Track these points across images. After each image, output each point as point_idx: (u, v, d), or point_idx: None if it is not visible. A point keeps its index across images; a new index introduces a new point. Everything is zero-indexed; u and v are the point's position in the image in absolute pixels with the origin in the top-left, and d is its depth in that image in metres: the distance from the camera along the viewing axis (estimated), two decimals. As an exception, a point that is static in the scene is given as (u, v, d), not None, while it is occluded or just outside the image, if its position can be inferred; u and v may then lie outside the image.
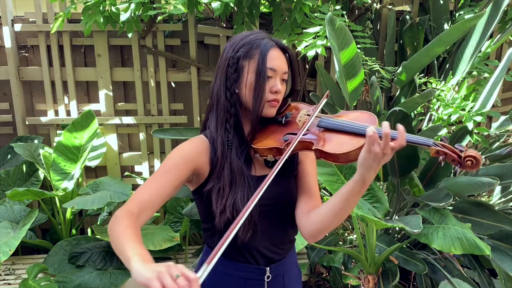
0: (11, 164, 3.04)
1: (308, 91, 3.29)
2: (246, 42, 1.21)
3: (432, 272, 2.43)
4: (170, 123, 3.25)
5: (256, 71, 1.18)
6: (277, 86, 1.21)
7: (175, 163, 1.18)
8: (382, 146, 1.02)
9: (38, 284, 2.32)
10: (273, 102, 1.22)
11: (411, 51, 3.01)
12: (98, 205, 2.51)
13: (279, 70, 1.21)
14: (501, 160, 2.62)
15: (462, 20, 2.36)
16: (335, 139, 1.16)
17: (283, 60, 1.23)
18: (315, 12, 2.64)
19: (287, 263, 1.34)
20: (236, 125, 1.23)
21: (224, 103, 1.22)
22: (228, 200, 1.17)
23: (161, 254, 2.68)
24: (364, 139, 1.07)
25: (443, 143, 1.10)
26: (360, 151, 1.08)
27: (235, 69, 1.20)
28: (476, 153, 1.06)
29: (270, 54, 1.19)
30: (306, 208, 1.26)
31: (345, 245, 2.77)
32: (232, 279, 1.28)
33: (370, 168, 1.05)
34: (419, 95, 2.41)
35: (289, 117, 1.26)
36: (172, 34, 3.19)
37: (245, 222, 1.17)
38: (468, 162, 1.07)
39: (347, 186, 1.12)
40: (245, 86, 1.20)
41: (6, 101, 3.19)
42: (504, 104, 3.54)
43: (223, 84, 1.22)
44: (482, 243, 1.99)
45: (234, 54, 1.21)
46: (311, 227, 1.22)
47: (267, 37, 1.23)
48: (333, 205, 1.15)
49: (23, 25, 3.03)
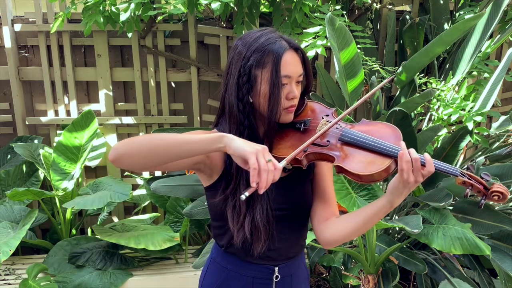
0: (11, 164, 3.04)
1: (308, 91, 3.28)
2: (257, 47, 1.13)
3: (432, 272, 2.43)
4: (170, 123, 3.25)
5: (270, 82, 1.11)
6: (293, 92, 1.15)
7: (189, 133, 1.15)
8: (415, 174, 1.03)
9: (38, 284, 2.32)
10: (290, 109, 1.17)
11: (411, 51, 3.01)
12: (98, 205, 2.51)
13: (294, 75, 1.15)
14: (501, 160, 2.62)
15: (462, 20, 2.36)
16: (358, 156, 1.11)
17: (297, 62, 1.16)
18: (315, 12, 2.64)
19: (296, 264, 1.33)
20: (250, 135, 1.15)
21: (237, 115, 1.15)
22: (246, 218, 1.14)
23: (161, 254, 2.68)
24: (390, 159, 1.07)
25: (470, 173, 1.08)
26: (384, 173, 1.07)
27: (248, 79, 1.13)
28: (503, 189, 1.05)
29: (283, 60, 1.12)
30: (323, 215, 1.25)
31: (345, 245, 2.77)
32: (241, 278, 1.27)
33: (400, 194, 1.06)
34: (419, 95, 2.41)
35: (308, 124, 1.20)
36: (172, 34, 3.19)
37: (265, 237, 1.16)
38: (494, 197, 1.06)
39: (372, 208, 1.12)
40: (259, 96, 1.14)
41: (6, 101, 3.19)
42: (504, 104, 3.54)
43: (235, 94, 1.14)
44: (482, 243, 1.99)
45: (245, 63, 1.13)
46: (330, 237, 1.21)
47: (278, 38, 1.15)
48: (356, 223, 1.15)
49: (23, 25, 3.03)
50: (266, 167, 0.97)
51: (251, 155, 0.97)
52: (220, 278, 1.29)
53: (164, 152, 1.02)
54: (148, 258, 2.81)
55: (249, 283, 1.27)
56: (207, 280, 1.34)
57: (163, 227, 2.72)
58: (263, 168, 0.97)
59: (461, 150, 2.40)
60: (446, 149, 2.40)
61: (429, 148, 2.69)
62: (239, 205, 1.15)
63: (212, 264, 1.33)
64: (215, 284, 1.30)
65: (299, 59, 1.17)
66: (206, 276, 1.35)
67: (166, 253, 2.70)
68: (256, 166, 0.97)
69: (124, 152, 1.02)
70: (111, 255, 2.63)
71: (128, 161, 1.03)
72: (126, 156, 1.02)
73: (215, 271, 1.32)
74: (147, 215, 3.05)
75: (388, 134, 1.13)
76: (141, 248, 2.49)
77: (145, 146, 1.02)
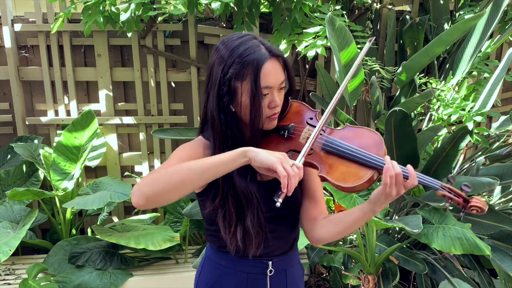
0: (11, 164, 3.04)
1: (308, 91, 3.29)
2: (235, 58, 1.11)
3: (432, 272, 2.43)
4: (170, 123, 3.25)
5: (250, 94, 1.11)
6: (275, 101, 1.15)
7: (183, 156, 1.16)
8: (397, 187, 1.07)
9: (38, 284, 2.33)
10: (272, 116, 1.18)
11: (411, 51, 3.01)
12: (98, 205, 2.51)
13: (276, 85, 1.14)
14: (501, 160, 2.62)
15: (462, 20, 2.36)
16: (340, 167, 1.12)
17: (279, 70, 1.14)
18: (315, 12, 2.64)
19: (290, 259, 1.34)
20: (234, 145, 1.14)
21: (219, 127, 1.15)
22: (238, 227, 1.17)
23: (161, 254, 2.68)
24: (371, 171, 1.10)
25: (450, 186, 1.10)
26: (366, 184, 1.10)
27: (227, 91, 1.12)
28: (482, 204, 1.08)
29: (263, 71, 1.10)
30: (312, 214, 1.28)
31: (345, 245, 2.77)
32: (235, 274, 1.28)
33: (382, 204, 1.10)
34: (419, 95, 2.41)
35: (292, 131, 1.20)
36: (172, 34, 3.19)
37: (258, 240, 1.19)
38: (473, 210, 1.09)
39: (354, 215, 1.16)
40: (240, 107, 1.14)
41: (6, 101, 3.19)
42: (504, 104, 3.53)
43: (216, 106, 1.14)
44: (482, 243, 1.99)
45: (224, 75, 1.11)
46: (318, 237, 1.26)
47: (257, 46, 1.13)
48: (340, 228, 1.20)
49: (23, 25, 3.03)
50: (293, 172, 1.02)
51: (277, 165, 1.02)
52: (215, 275, 1.31)
53: (192, 182, 1.04)
54: (148, 258, 2.81)
55: (244, 278, 1.28)
56: (202, 277, 1.35)
57: (163, 227, 2.72)
58: (291, 174, 1.02)
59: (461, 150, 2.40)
60: (446, 149, 2.40)
61: (429, 148, 2.69)
62: (229, 215, 1.17)
63: (207, 262, 1.35)
64: (210, 281, 1.32)
65: (280, 66, 1.15)
66: (201, 274, 1.37)
67: (166, 253, 2.70)
68: (285, 173, 1.01)
69: (151, 193, 1.02)
70: (111, 255, 2.63)
71: (158, 201, 1.04)
72: (155, 197, 1.03)
73: (210, 268, 1.33)
74: (147, 215, 3.05)
75: (370, 143, 1.15)
76: (141, 248, 2.49)
77: (172, 182, 1.03)
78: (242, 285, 1.28)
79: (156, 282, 2.63)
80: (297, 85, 3.30)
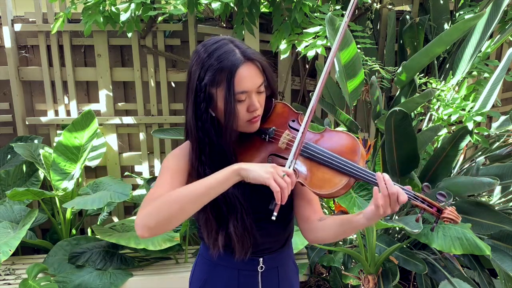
0: (11, 164, 3.04)
1: (308, 91, 3.29)
2: (211, 64, 1.10)
3: (432, 272, 2.43)
4: (170, 123, 3.25)
5: (225, 100, 1.10)
6: (254, 105, 1.14)
7: (173, 169, 1.18)
8: (392, 206, 1.07)
9: (38, 284, 2.32)
10: (253, 120, 1.17)
11: (411, 51, 3.01)
12: (98, 205, 2.51)
13: (252, 88, 1.13)
14: (501, 160, 2.62)
15: (462, 20, 2.36)
16: (317, 173, 1.13)
17: (255, 74, 1.13)
18: (315, 12, 2.64)
19: (282, 257, 1.35)
20: (212, 151, 1.16)
21: (196, 134, 1.15)
22: (219, 233, 1.18)
23: (161, 254, 2.68)
24: (347, 177, 1.10)
25: (423, 196, 1.10)
26: (342, 190, 1.11)
27: (204, 97, 1.12)
28: (454, 216, 1.08)
29: (237, 77, 1.09)
30: (306, 214, 1.29)
31: (345, 245, 2.77)
32: (226, 270, 1.29)
33: (377, 219, 1.10)
34: (419, 95, 2.41)
35: (272, 134, 1.20)
36: (172, 34, 3.19)
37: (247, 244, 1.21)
38: (446, 221, 1.10)
39: (351, 223, 1.16)
40: (218, 112, 1.15)
41: (6, 101, 3.19)
42: (504, 104, 3.54)
43: (193, 113, 1.15)
44: (482, 243, 1.99)
45: (200, 82, 1.11)
46: (313, 239, 1.28)
47: (232, 51, 1.11)
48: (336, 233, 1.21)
49: (23, 25, 3.03)
50: (285, 184, 1.03)
51: (270, 181, 1.03)
52: (207, 272, 1.32)
53: (191, 208, 1.06)
54: (148, 258, 2.81)
55: (235, 275, 1.28)
56: (196, 275, 1.36)
57: (163, 227, 2.72)
58: (283, 187, 1.03)
59: (461, 150, 2.40)
60: (446, 149, 2.40)
61: (429, 148, 2.70)
62: (209, 222, 1.18)
63: (200, 259, 1.36)
64: (203, 278, 1.33)
65: (257, 69, 1.13)
66: (195, 272, 1.38)
67: (166, 253, 2.70)
68: (278, 188, 1.03)
69: (153, 225, 1.04)
70: (111, 255, 2.63)
71: (162, 230, 1.06)
72: (158, 228, 1.05)
73: (202, 265, 1.34)
74: (147, 215, 3.05)
75: (347, 149, 1.14)
76: (141, 248, 2.49)
77: (172, 211, 1.04)
78: (233, 281, 1.29)
79: (156, 282, 2.63)
80: (297, 85, 3.30)
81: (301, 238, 2.15)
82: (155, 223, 1.04)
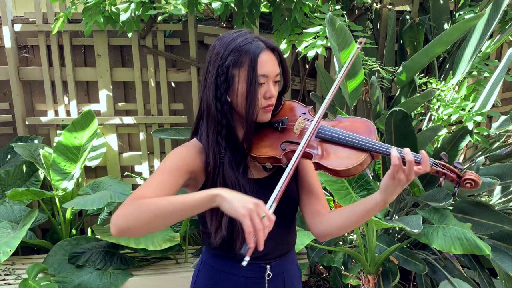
0: (11, 164, 3.04)
1: (308, 91, 3.29)
2: (234, 47, 1.14)
3: (432, 272, 2.43)
4: (170, 123, 3.25)
5: (247, 81, 1.13)
6: (270, 91, 1.17)
7: (169, 168, 1.16)
8: (407, 172, 1.05)
9: (38, 284, 2.32)
10: (267, 108, 1.19)
11: (411, 51, 3.01)
12: (98, 205, 2.51)
13: (271, 74, 1.16)
14: (501, 160, 2.62)
15: (462, 20, 2.37)
16: (335, 152, 1.13)
17: (274, 62, 1.18)
18: (315, 12, 2.64)
19: (288, 262, 1.34)
20: (228, 135, 1.18)
21: (215, 114, 1.16)
22: (223, 217, 1.15)
23: (161, 254, 2.68)
24: (365, 153, 1.10)
25: (443, 162, 1.10)
26: (360, 167, 1.10)
27: (225, 78, 1.15)
28: (475, 176, 1.08)
29: (260, 59, 1.14)
30: (314, 209, 1.28)
31: (345, 245, 2.77)
32: (233, 278, 1.27)
33: (394, 192, 1.08)
34: (419, 95, 2.41)
35: (286, 123, 1.22)
36: (172, 34, 3.18)
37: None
38: (467, 184, 1.09)
39: (366, 206, 1.14)
40: (237, 96, 1.16)
41: (6, 101, 3.19)
42: (504, 104, 3.54)
43: (213, 94, 1.16)
44: (482, 243, 1.99)
45: (223, 63, 1.15)
46: (324, 231, 1.25)
47: (255, 38, 1.17)
48: (349, 219, 1.19)
49: (23, 25, 3.03)
50: (261, 226, 0.96)
51: (244, 219, 0.96)
52: (212, 279, 1.29)
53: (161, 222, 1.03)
54: (148, 258, 2.81)
55: (242, 283, 1.26)
56: (199, 282, 1.33)
57: (163, 227, 2.72)
58: (258, 229, 0.95)
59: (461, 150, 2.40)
60: (446, 149, 2.40)
61: (429, 148, 2.69)
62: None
63: (203, 266, 1.33)
64: (207, 286, 1.30)
65: (276, 59, 1.18)
66: (197, 278, 1.34)
67: (166, 253, 2.70)
68: (251, 230, 0.95)
69: (123, 227, 1.02)
70: (111, 255, 2.63)
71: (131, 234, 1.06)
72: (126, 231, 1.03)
73: (206, 272, 1.31)
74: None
75: (363, 129, 1.16)
76: (141, 248, 2.49)
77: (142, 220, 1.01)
78: None
79: (156, 282, 2.63)
80: (297, 85, 3.30)
81: (301, 238, 2.15)
82: (125, 226, 1.02)
